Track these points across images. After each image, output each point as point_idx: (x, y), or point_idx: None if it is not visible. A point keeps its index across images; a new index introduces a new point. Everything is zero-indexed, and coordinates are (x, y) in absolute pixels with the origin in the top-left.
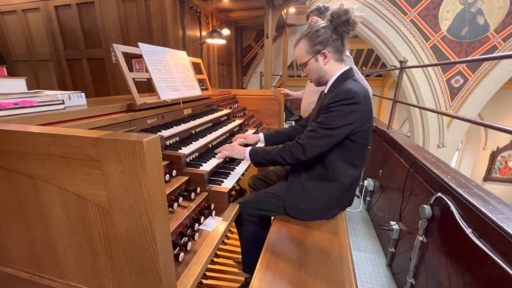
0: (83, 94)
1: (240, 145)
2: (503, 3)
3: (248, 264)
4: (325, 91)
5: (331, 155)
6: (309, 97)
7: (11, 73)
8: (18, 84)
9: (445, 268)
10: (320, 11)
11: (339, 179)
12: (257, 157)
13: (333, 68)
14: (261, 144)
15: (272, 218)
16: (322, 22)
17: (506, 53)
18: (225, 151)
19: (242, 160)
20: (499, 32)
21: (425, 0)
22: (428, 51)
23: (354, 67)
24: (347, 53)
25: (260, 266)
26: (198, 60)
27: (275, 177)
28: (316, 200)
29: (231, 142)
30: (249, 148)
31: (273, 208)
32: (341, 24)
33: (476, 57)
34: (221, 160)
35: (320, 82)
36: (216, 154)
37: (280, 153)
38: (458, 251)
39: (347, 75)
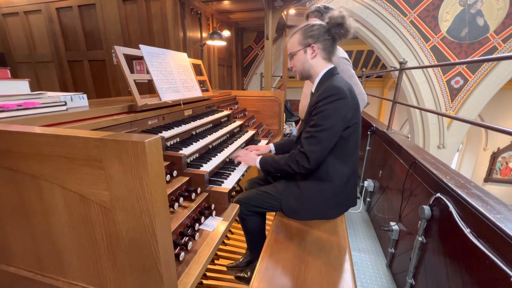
0: (85, 96)
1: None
2: (503, 4)
3: (252, 246)
4: (313, 90)
5: None
6: (306, 99)
7: (13, 75)
8: (22, 86)
9: (445, 268)
10: (321, 12)
11: (332, 177)
12: (266, 166)
13: (319, 65)
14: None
15: (274, 215)
16: (319, 21)
17: (506, 54)
18: (239, 157)
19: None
20: (499, 33)
21: (425, 1)
22: (428, 52)
23: (352, 72)
24: (345, 55)
25: (259, 266)
26: (199, 62)
27: (272, 181)
28: (311, 200)
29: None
30: (260, 156)
31: (269, 207)
32: (335, 26)
33: (476, 58)
34: (221, 160)
35: (303, 75)
36: (216, 154)
37: (287, 162)
38: (457, 251)
39: (331, 73)
